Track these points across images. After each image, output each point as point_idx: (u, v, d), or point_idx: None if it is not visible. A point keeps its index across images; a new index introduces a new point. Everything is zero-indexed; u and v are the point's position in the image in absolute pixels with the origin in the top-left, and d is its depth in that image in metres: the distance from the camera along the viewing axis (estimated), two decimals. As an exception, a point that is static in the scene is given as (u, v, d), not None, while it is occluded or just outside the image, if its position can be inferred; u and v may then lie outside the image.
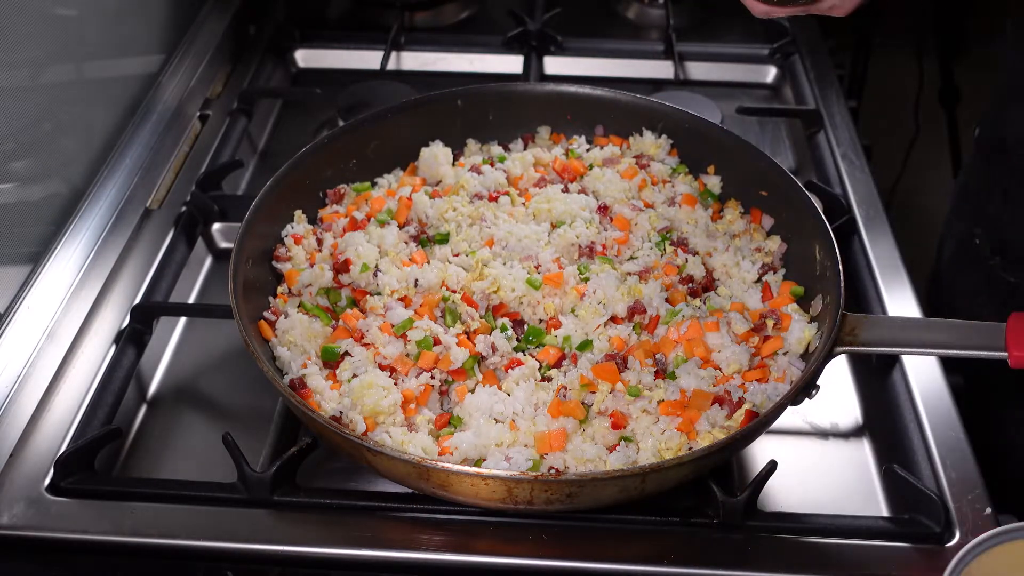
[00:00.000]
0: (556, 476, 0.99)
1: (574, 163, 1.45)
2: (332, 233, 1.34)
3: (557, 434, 1.09)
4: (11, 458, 1.15)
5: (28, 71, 1.38)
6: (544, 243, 1.31)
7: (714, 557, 1.06)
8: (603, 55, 1.97)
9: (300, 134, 1.80)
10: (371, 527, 1.09)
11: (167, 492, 1.13)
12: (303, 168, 1.37)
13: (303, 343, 1.20)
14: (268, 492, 1.10)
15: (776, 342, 1.19)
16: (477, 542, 1.08)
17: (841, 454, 1.26)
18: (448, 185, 1.42)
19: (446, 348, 1.16)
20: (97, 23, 1.57)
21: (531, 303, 1.24)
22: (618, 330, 1.21)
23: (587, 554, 1.06)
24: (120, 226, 1.48)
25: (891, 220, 1.53)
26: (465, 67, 1.96)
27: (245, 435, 1.14)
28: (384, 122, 1.45)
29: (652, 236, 1.34)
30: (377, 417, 1.11)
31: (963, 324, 1.10)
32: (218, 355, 1.38)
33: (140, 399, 1.31)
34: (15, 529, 1.08)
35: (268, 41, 2.00)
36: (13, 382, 1.23)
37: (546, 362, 1.18)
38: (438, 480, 1.01)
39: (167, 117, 1.69)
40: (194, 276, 1.51)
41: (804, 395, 1.11)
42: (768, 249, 1.34)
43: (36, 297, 1.32)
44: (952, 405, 1.23)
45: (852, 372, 1.37)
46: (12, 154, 1.34)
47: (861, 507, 1.18)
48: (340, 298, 1.27)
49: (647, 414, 1.12)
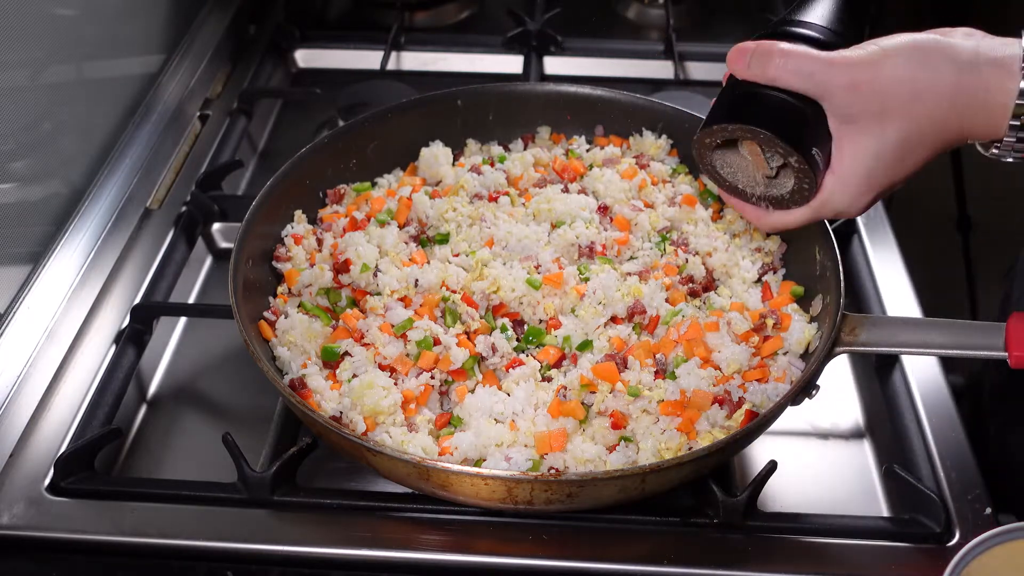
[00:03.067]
0: (556, 476, 0.99)
1: (574, 163, 1.44)
2: (332, 233, 1.34)
3: (557, 434, 1.09)
4: (11, 458, 1.15)
5: (28, 71, 1.38)
6: (544, 243, 1.31)
7: (714, 557, 1.06)
8: (603, 55, 1.96)
9: (300, 134, 1.80)
10: (371, 527, 1.09)
11: (167, 492, 1.13)
12: (303, 168, 1.37)
13: (303, 343, 1.20)
14: (268, 492, 1.10)
15: (776, 342, 1.19)
16: (477, 542, 1.08)
17: (841, 454, 1.26)
18: (448, 185, 1.42)
19: (446, 348, 1.16)
20: (97, 23, 1.57)
21: (531, 303, 1.24)
22: (618, 330, 1.21)
23: (587, 554, 1.06)
24: (120, 226, 1.48)
25: (891, 220, 1.53)
26: (465, 67, 1.96)
27: (245, 435, 1.14)
28: (384, 122, 1.45)
29: (652, 236, 1.34)
30: (377, 417, 1.11)
31: (963, 324, 1.10)
32: (218, 355, 1.38)
33: (140, 399, 1.31)
34: (15, 529, 1.08)
35: (268, 41, 2.00)
36: (13, 382, 1.23)
37: (546, 362, 1.18)
38: (438, 480, 1.01)
39: (167, 117, 1.69)
40: (194, 276, 1.51)
41: (804, 395, 1.11)
42: (768, 249, 1.34)
43: (36, 297, 1.32)
44: (952, 405, 1.24)
45: (852, 372, 1.37)
46: (12, 154, 1.34)
47: (861, 507, 1.18)
48: (340, 298, 1.27)
49: (647, 414, 1.12)
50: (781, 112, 1.03)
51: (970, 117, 0.97)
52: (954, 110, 0.97)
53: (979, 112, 0.96)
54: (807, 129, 1.03)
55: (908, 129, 0.98)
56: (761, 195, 1.13)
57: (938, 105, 0.97)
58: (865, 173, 1.03)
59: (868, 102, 0.99)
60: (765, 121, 1.04)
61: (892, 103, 0.98)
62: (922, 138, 0.99)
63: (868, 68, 0.98)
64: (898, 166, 1.02)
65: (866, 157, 1.01)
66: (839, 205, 1.07)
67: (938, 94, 0.96)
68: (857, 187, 1.04)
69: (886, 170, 1.02)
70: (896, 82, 0.97)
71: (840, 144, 1.03)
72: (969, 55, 0.96)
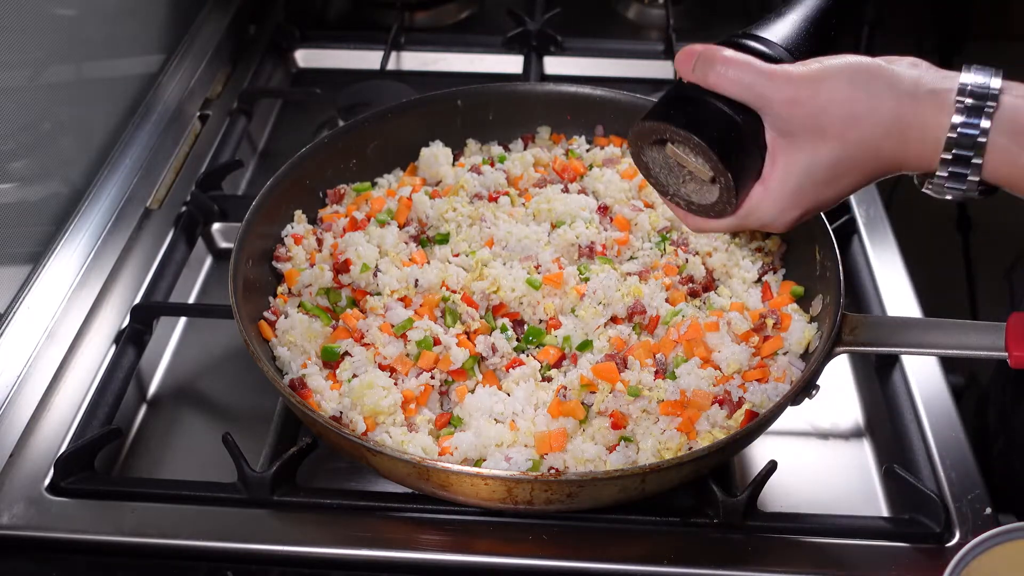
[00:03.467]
0: (556, 476, 0.99)
1: (574, 163, 1.45)
2: (332, 233, 1.34)
3: (557, 434, 1.09)
4: (11, 458, 1.15)
5: (28, 71, 1.38)
6: (544, 243, 1.31)
7: (714, 557, 1.06)
8: (603, 55, 1.96)
9: (300, 134, 1.80)
10: (371, 527, 1.09)
11: (167, 492, 1.13)
12: (303, 168, 1.37)
13: (303, 343, 1.20)
14: (268, 492, 1.10)
15: (776, 342, 1.19)
16: (477, 542, 1.08)
17: (841, 454, 1.26)
18: (448, 185, 1.42)
19: (446, 348, 1.16)
20: (97, 23, 1.57)
21: (531, 303, 1.24)
22: (618, 330, 1.21)
23: (587, 554, 1.06)
24: (120, 226, 1.48)
25: (891, 220, 1.53)
26: (465, 67, 1.96)
27: (245, 435, 1.14)
28: (384, 122, 1.45)
29: (652, 236, 1.34)
30: (377, 417, 1.11)
31: (963, 324, 1.10)
32: (218, 355, 1.38)
33: (140, 399, 1.31)
34: (15, 529, 1.08)
35: (268, 41, 2.00)
36: (13, 382, 1.23)
37: (546, 362, 1.18)
38: (438, 480, 1.01)
39: (167, 117, 1.69)
40: (194, 276, 1.51)
41: (804, 395, 1.11)
42: (768, 249, 1.34)
43: (36, 297, 1.32)
44: (952, 405, 1.24)
45: (852, 372, 1.37)
46: (12, 154, 1.34)
47: (861, 507, 1.18)
48: (340, 298, 1.27)
49: (647, 414, 1.12)
50: (714, 122, 1.03)
51: (904, 147, 0.95)
52: (890, 138, 0.95)
53: (913, 143, 0.95)
54: (737, 143, 1.02)
55: (842, 151, 0.98)
56: (684, 197, 1.12)
57: (874, 131, 0.96)
58: (794, 189, 1.02)
59: (805, 119, 0.98)
60: (696, 128, 1.03)
61: (829, 122, 0.97)
62: (855, 162, 0.98)
63: (809, 85, 0.97)
64: (828, 186, 1.01)
65: (798, 173, 1.01)
66: (765, 217, 1.06)
67: (875, 120, 0.95)
68: (784, 201, 1.03)
69: (816, 188, 1.02)
70: (835, 103, 0.96)
71: (774, 156, 1.02)
72: (909, 85, 0.94)
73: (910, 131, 0.94)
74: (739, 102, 1.02)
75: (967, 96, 0.91)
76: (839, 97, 0.96)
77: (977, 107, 0.91)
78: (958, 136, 0.91)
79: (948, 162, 0.93)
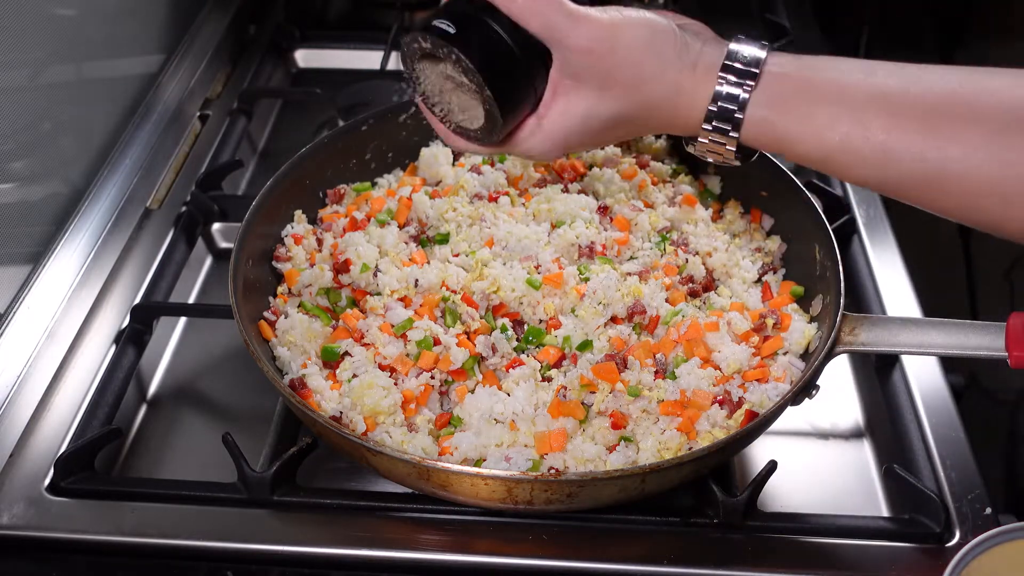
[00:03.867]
0: (556, 476, 1.00)
1: (574, 163, 1.44)
2: (332, 233, 1.34)
3: (557, 434, 1.09)
4: (11, 458, 1.15)
5: (28, 71, 1.38)
6: (544, 243, 1.31)
7: (714, 557, 1.06)
8: (603, 55, 1.96)
9: (300, 134, 1.80)
10: (371, 527, 1.09)
11: (167, 492, 1.13)
12: (303, 168, 1.37)
13: (303, 343, 1.20)
14: (268, 492, 1.10)
15: (776, 342, 1.19)
16: (477, 542, 1.08)
17: (841, 454, 1.26)
18: (448, 185, 1.42)
19: (446, 348, 1.16)
20: (97, 23, 1.57)
21: (531, 303, 1.24)
22: (618, 330, 1.21)
23: (587, 554, 1.06)
24: (120, 226, 1.48)
25: (891, 220, 1.53)
26: (465, 67, 1.96)
27: (245, 435, 1.14)
28: (384, 122, 1.45)
29: (652, 236, 1.34)
30: (377, 417, 1.11)
31: (963, 324, 1.10)
32: (218, 355, 1.38)
33: (140, 399, 1.31)
34: (15, 529, 1.08)
35: (268, 41, 2.00)
36: (13, 382, 1.23)
37: (546, 362, 1.18)
38: (438, 480, 1.01)
39: (167, 117, 1.69)
40: (194, 276, 1.51)
41: (804, 395, 1.11)
42: (768, 249, 1.34)
43: (36, 297, 1.32)
44: (952, 405, 1.23)
45: (852, 372, 1.37)
46: (12, 154, 1.34)
47: (861, 507, 1.18)
48: (340, 298, 1.27)
49: (647, 414, 1.12)
50: (498, 54, 1.00)
51: (675, 112, 1.01)
52: (667, 102, 1.00)
53: (683, 110, 1.01)
54: (512, 77, 1.02)
55: (624, 107, 1.01)
56: (448, 117, 1.10)
57: (655, 95, 1.00)
58: (569, 130, 1.04)
59: (597, 70, 1.00)
60: (477, 54, 1.00)
61: (618, 79, 1.00)
62: (631, 118, 1.03)
63: (607, 39, 0.98)
64: (600, 135, 1.05)
65: (575, 117, 1.03)
66: (533, 150, 1.08)
67: (658, 85, 1.00)
68: (555, 139, 1.06)
69: (589, 134, 1.05)
70: (628, 62, 0.99)
71: (555, 93, 1.03)
72: (693, 55, 1.00)
73: (681, 98, 1.00)
74: (530, 33, 1.00)
75: (731, 73, 0.98)
76: (633, 58, 0.99)
77: (738, 83, 0.97)
78: (718, 109, 0.98)
79: (708, 132, 1.00)
